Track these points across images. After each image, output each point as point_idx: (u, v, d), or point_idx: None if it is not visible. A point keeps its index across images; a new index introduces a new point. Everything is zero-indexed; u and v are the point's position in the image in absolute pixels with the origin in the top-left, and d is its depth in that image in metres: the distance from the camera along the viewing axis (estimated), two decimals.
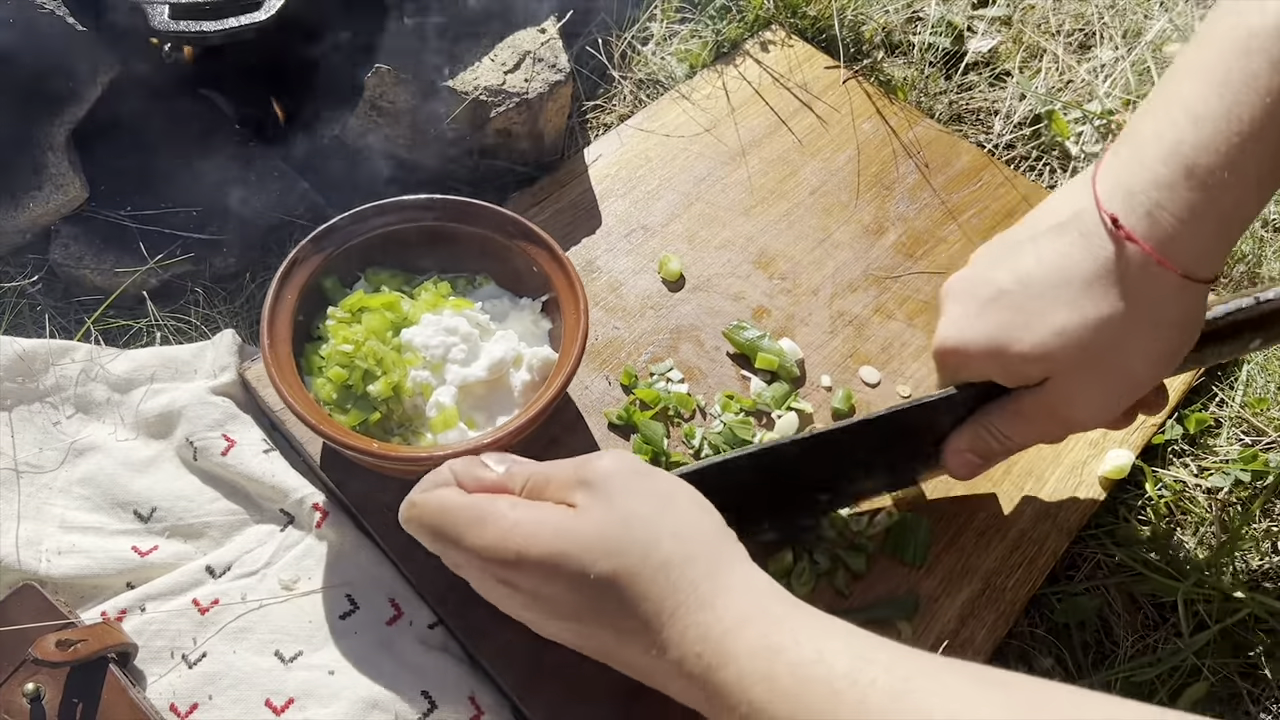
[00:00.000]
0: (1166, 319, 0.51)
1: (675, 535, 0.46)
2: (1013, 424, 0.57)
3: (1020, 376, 0.55)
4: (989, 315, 0.55)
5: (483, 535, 0.47)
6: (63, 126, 0.72)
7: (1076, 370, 0.53)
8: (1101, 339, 0.51)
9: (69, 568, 0.61)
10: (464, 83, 0.78)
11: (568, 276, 0.65)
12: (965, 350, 0.56)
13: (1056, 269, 0.52)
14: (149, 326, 0.73)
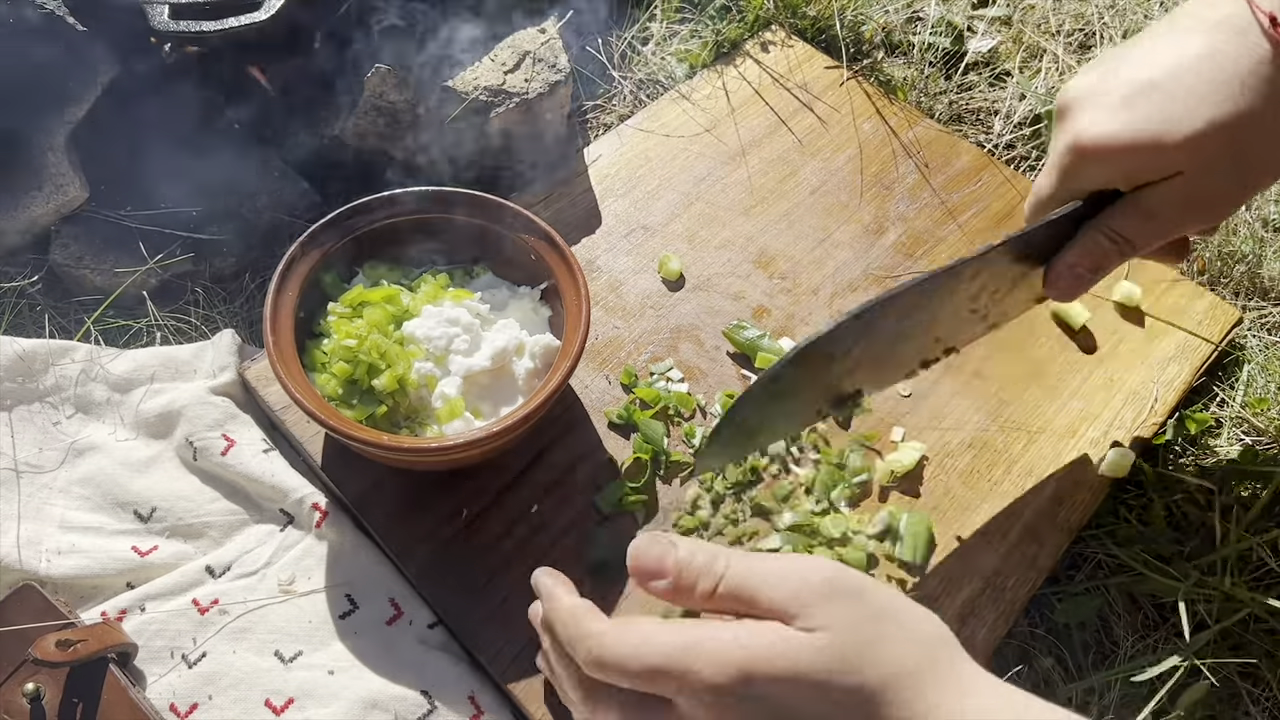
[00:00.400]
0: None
1: (917, 644, 0.44)
2: (1138, 223, 0.57)
3: (1160, 170, 0.55)
4: (1138, 108, 0.54)
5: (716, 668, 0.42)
6: (63, 126, 0.72)
7: (1218, 162, 0.54)
8: (1247, 134, 0.52)
9: (69, 568, 0.61)
10: (464, 83, 0.78)
11: (566, 262, 0.65)
12: (1114, 144, 0.55)
13: (1210, 63, 0.53)
14: (149, 326, 0.73)
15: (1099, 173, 0.56)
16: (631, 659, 0.43)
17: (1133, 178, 0.56)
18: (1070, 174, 0.57)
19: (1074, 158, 0.56)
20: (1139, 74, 0.55)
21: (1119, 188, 0.56)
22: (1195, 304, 0.79)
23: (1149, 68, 0.54)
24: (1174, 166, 0.54)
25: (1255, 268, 0.84)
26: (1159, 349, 0.76)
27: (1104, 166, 0.56)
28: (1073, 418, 0.73)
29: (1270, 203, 0.89)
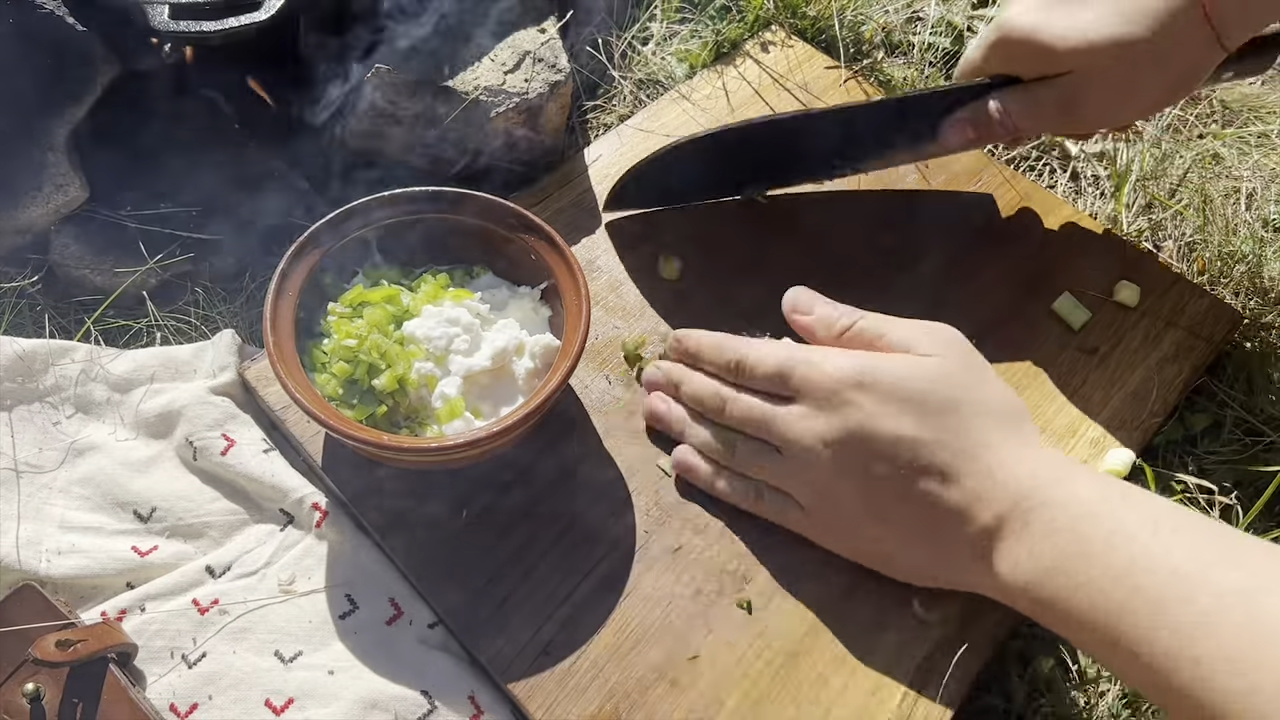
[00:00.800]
0: (1187, 69, 0.62)
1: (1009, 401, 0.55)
2: (1023, 106, 0.66)
3: (1051, 65, 0.63)
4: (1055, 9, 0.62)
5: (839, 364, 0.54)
6: (63, 126, 0.72)
7: (1101, 76, 0.62)
8: (1140, 59, 0.60)
9: (69, 568, 0.61)
10: (464, 83, 0.78)
11: (566, 262, 0.65)
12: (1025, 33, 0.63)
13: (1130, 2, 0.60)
14: (149, 326, 0.73)
15: (1009, 55, 0.66)
16: (768, 355, 0.58)
17: (1034, 67, 0.65)
18: (990, 50, 0.67)
19: (995, 36, 0.66)
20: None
21: (1020, 74, 0.66)
22: (1195, 304, 0.79)
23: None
24: (1066, 65, 0.63)
25: (1255, 268, 0.84)
26: (1159, 349, 0.76)
27: (1014, 49, 0.65)
28: (1073, 417, 0.73)
29: (1270, 203, 0.89)
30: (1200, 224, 0.86)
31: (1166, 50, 0.60)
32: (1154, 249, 0.86)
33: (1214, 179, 0.90)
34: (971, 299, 0.78)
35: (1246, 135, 0.95)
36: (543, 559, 0.63)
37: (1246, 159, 0.93)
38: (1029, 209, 0.84)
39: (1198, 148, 0.93)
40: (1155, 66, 0.61)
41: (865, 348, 0.56)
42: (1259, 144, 0.94)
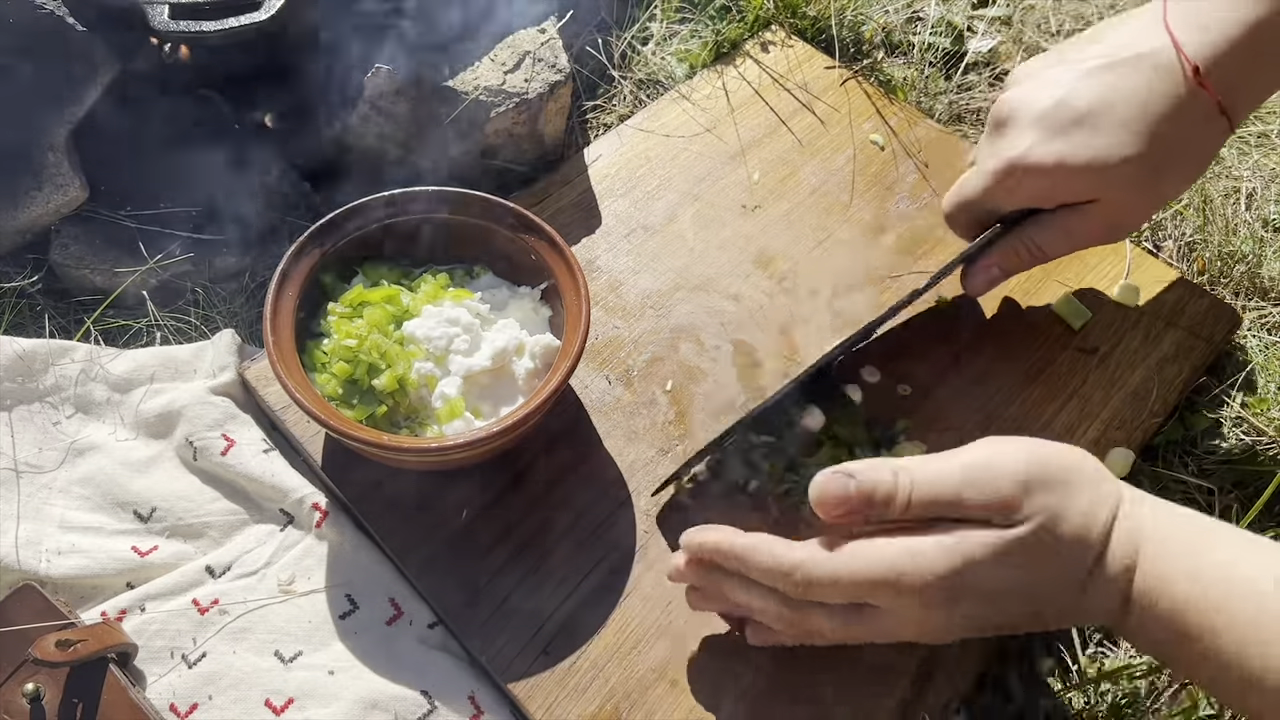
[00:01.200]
0: (1205, 158, 0.62)
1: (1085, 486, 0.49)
2: (1056, 237, 0.65)
3: (1083, 194, 0.62)
4: (1074, 137, 0.60)
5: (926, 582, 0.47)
6: (63, 126, 0.72)
7: (1134, 191, 0.61)
8: (1161, 167, 0.60)
9: (69, 568, 0.61)
10: (464, 83, 0.78)
11: (567, 262, 0.65)
12: (1049, 167, 0.61)
13: (1138, 102, 0.59)
14: (149, 326, 0.73)
15: (1029, 189, 0.63)
16: (844, 575, 0.48)
17: (1057, 198, 0.63)
18: (1002, 186, 0.64)
19: (1010, 173, 0.63)
20: (1076, 103, 0.61)
21: (1042, 206, 0.64)
22: (1195, 304, 0.79)
23: (1085, 98, 0.61)
24: (1095, 192, 0.61)
25: (1255, 268, 0.84)
26: (1159, 349, 0.76)
27: (1035, 184, 0.62)
28: (1073, 417, 0.73)
29: (1270, 203, 0.89)
30: (1200, 224, 0.86)
31: (1186, 149, 0.60)
32: (1154, 249, 0.86)
33: (1214, 179, 0.90)
34: (971, 299, 0.78)
35: (1246, 135, 0.95)
36: (543, 559, 0.63)
37: (1246, 159, 0.93)
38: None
39: None
40: (1179, 167, 0.61)
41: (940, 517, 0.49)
42: (1259, 144, 0.94)
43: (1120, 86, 0.60)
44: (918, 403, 0.72)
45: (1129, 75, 0.60)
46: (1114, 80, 0.60)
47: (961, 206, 0.68)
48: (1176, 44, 0.58)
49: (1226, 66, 0.58)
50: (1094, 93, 0.60)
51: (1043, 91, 0.62)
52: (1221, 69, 0.58)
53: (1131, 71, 0.60)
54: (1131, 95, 0.59)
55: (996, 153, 0.63)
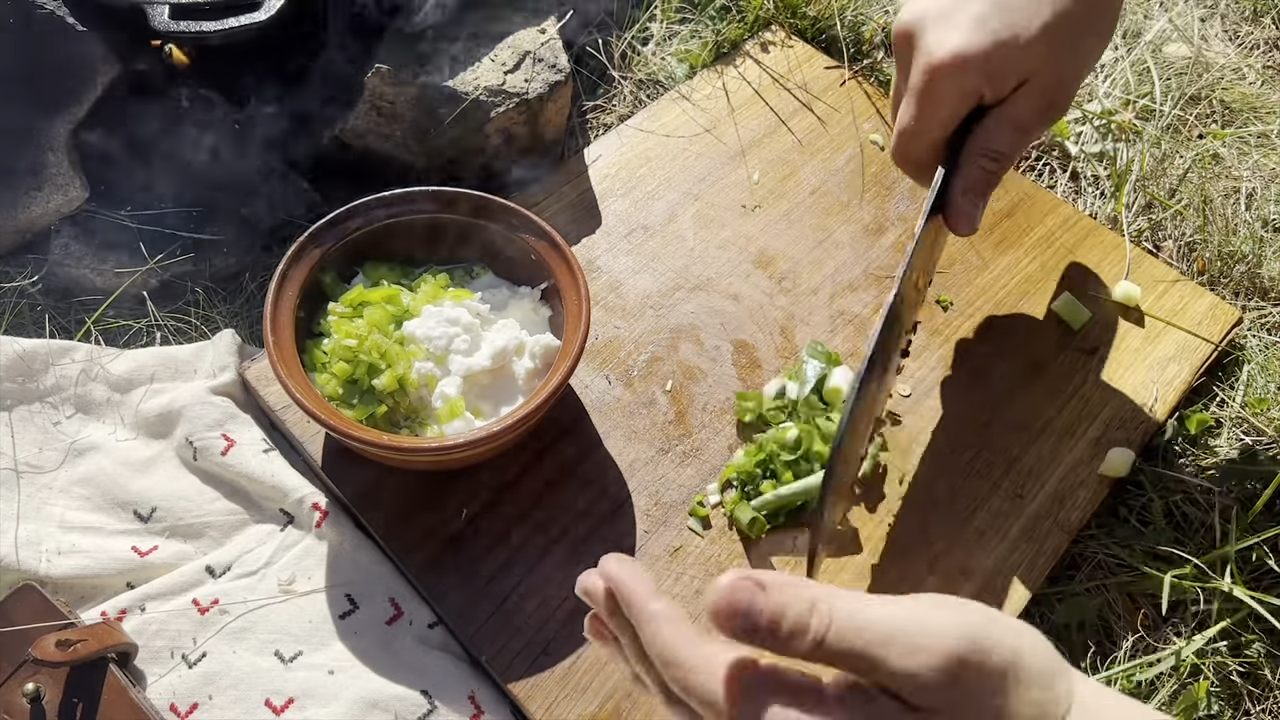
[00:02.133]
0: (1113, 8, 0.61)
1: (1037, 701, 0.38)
2: (1011, 135, 0.61)
3: (1013, 74, 0.59)
4: (988, 22, 0.58)
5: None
6: (63, 126, 0.72)
7: (1060, 59, 0.59)
8: (1077, 27, 0.59)
9: (69, 568, 0.61)
10: (464, 83, 0.78)
11: (567, 262, 0.65)
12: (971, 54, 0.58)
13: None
14: (149, 326, 0.73)
15: (959, 85, 0.59)
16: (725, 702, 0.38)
17: (992, 87, 0.60)
18: (931, 95, 0.60)
19: (933, 76, 0.59)
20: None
21: (984, 99, 0.60)
22: (1195, 304, 0.79)
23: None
24: (1025, 70, 0.59)
25: (1255, 268, 0.84)
26: (1159, 349, 0.76)
27: (964, 78, 0.59)
28: (1073, 418, 0.73)
29: (1270, 203, 0.89)
30: (1200, 224, 0.86)
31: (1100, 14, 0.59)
32: (1154, 249, 0.86)
33: (1214, 179, 0.90)
34: (972, 299, 0.78)
35: (1246, 135, 0.95)
36: (543, 559, 0.63)
37: (1246, 159, 0.93)
38: (1029, 209, 0.84)
39: (1198, 148, 0.93)
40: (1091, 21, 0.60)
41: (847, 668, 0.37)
42: (1259, 144, 0.94)
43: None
44: (918, 402, 0.72)
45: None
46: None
47: (906, 139, 0.63)
48: None
49: None
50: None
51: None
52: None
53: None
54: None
55: (917, 67, 0.60)
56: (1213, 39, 1.06)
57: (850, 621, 0.37)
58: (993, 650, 0.37)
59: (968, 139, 0.62)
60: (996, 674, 0.37)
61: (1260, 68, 1.03)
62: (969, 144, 0.62)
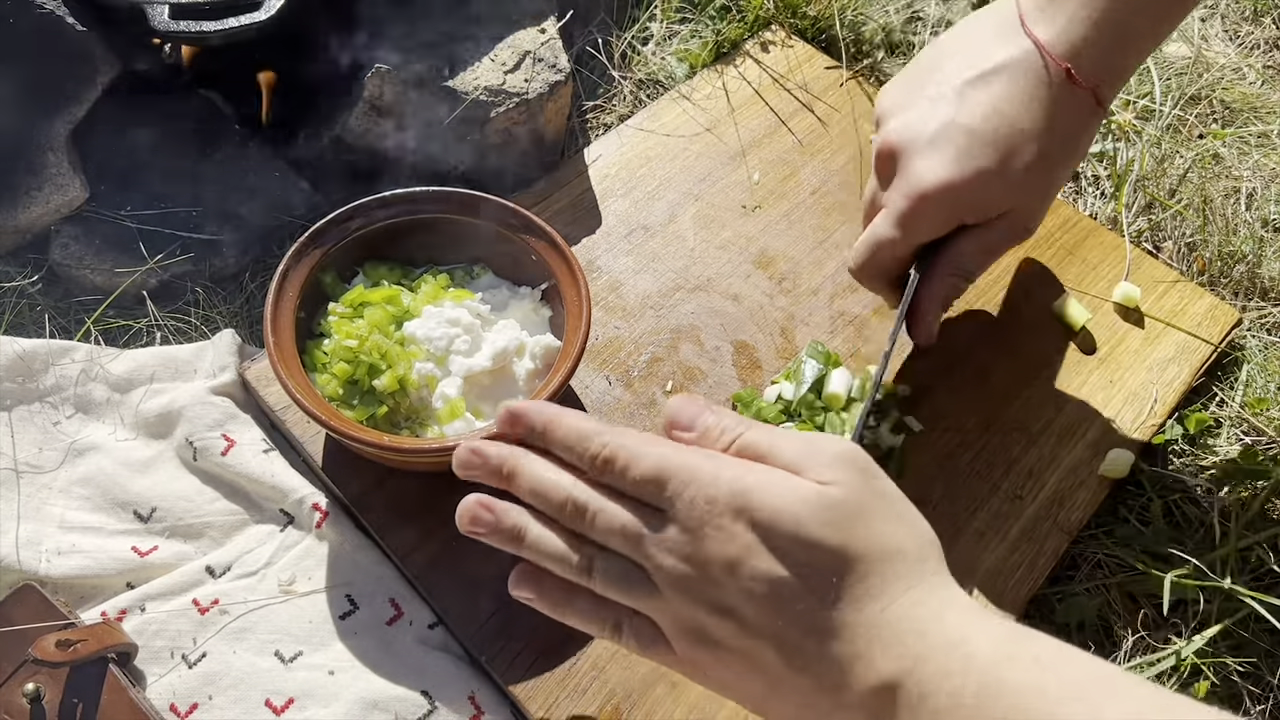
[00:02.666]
0: (1087, 143, 0.64)
1: (912, 535, 0.45)
2: (981, 258, 0.65)
3: (994, 209, 0.62)
4: (976, 152, 0.60)
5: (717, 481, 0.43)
6: (63, 126, 0.72)
7: (1037, 194, 0.63)
8: (1052, 165, 0.61)
9: (69, 568, 0.61)
10: (464, 83, 0.78)
11: (567, 263, 0.65)
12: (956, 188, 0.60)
13: (1023, 108, 0.60)
14: (149, 326, 0.73)
15: (944, 214, 0.62)
16: (644, 456, 0.44)
17: (974, 216, 0.62)
18: (915, 219, 0.62)
19: (921, 203, 0.61)
20: (969, 121, 0.61)
21: (960, 225, 0.63)
22: (1195, 304, 0.79)
23: (975, 115, 0.61)
24: (1007, 203, 0.62)
25: (1255, 268, 0.84)
26: (1159, 350, 0.76)
27: (950, 209, 0.62)
28: (1073, 418, 0.73)
29: (1270, 203, 0.89)
30: (1200, 224, 0.86)
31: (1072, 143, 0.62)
32: (1154, 249, 0.86)
33: (1214, 179, 0.90)
34: (971, 299, 0.78)
35: (1246, 135, 0.95)
36: None
37: (1246, 159, 0.93)
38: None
39: (1198, 148, 0.93)
40: (1068, 160, 0.62)
41: (754, 459, 0.46)
42: (1259, 144, 0.94)
43: (1002, 96, 0.60)
44: (917, 402, 0.72)
45: (1006, 85, 0.60)
46: (994, 92, 0.60)
47: (880, 252, 0.64)
48: (1043, 49, 0.60)
49: (1091, 57, 0.59)
50: (981, 107, 0.60)
51: (927, 117, 0.62)
52: (1087, 60, 0.59)
53: (1007, 81, 0.60)
54: (1017, 103, 0.60)
55: (903, 188, 0.62)
56: (1213, 39, 1.06)
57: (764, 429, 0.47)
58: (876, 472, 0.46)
59: (938, 256, 0.64)
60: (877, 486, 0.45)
61: (1260, 67, 1.03)
62: (940, 262, 0.64)
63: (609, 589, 0.46)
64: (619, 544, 0.45)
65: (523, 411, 0.48)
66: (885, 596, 0.43)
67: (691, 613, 0.44)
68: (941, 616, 0.42)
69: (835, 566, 0.43)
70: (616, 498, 0.45)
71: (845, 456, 0.45)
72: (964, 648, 0.41)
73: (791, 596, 0.43)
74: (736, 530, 0.43)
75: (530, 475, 0.47)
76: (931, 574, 0.44)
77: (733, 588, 0.43)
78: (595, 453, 0.46)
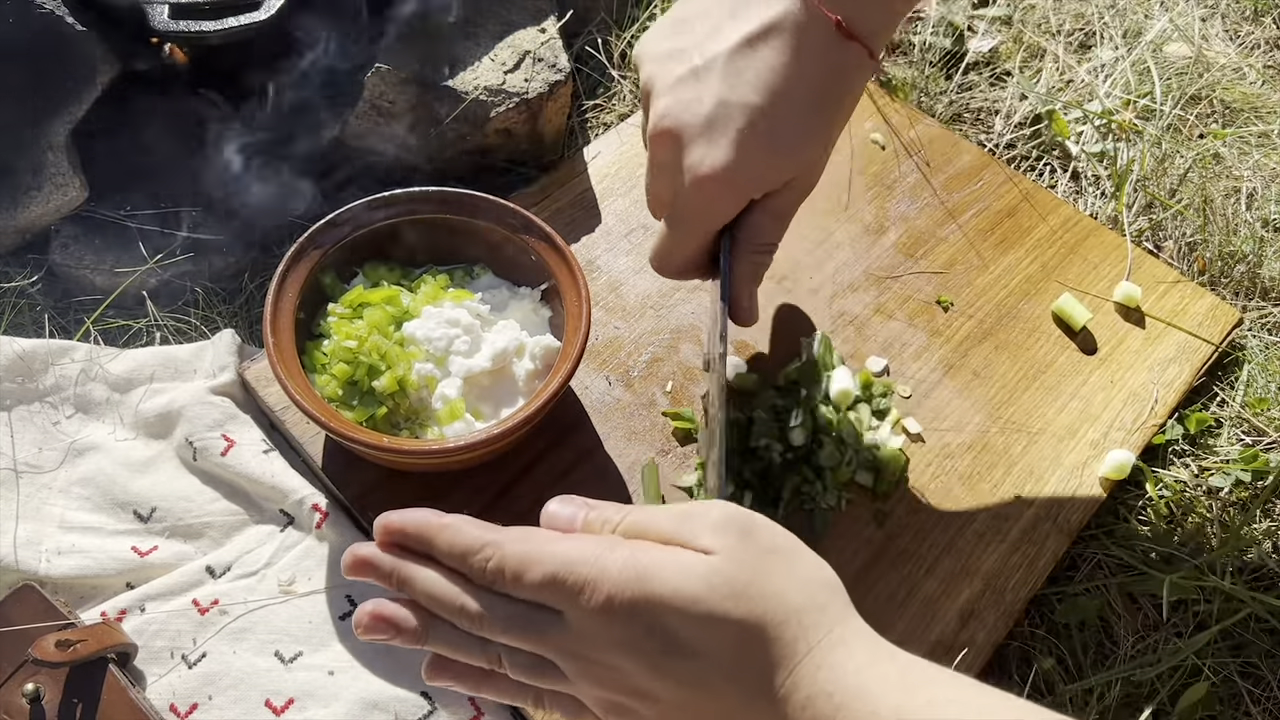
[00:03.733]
0: (859, 94, 0.61)
1: (806, 585, 0.45)
2: (775, 226, 0.62)
3: (779, 182, 0.59)
4: (760, 130, 0.57)
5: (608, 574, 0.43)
6: (63, 126, 0.72)
7: (820, 157, 0.60)
8: (830, 123, 0.59)
9: (69, 568, 0.61)
10: (464, 83, 0.78)
11: (567, 263, 0.65)
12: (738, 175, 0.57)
13: (799, 75, 0.57)
14: (149, 326, 0.73)
15: (730, 197, 0.59)
16: (534, 564, 0.44)
17: (761, 192, 0.59)
18: (705, 209, 0.60)
19: (704, 189, 0.58)
20: (746, 98, 0.57)
21: (753, 198, 0.60)
22: (1195, 305, 0.79)
23: (750, 89, 0.57)
24: (793, 173, 0.59)
25: (1255, 268, 0.84)
26: (1159, 350, 0.76)
27: (735, 191, 0.59)
28: (1073, 418, 0.73)
29: (1270, 203, 0.89)
30: (1200, 224, 0.86)
31: (847, 99, 0.59)
32: (1155, 249, 0.86)
33: (1214, 179, 0.90)
34: (972, 300, 0.78)
35: (1246, 135, 0.95)
36: None
37: (1246, 159, 0.93)
38: (1029, 209, 0.84)
39: (1198, 148, 0.93)
40: (844, 115, 0.60)
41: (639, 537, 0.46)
42: (1259, 144, 0.94)
43: (776, 66, 0.56)
44: (918, 403, 0.72)
45: (779, 50, 0.56)
46: (765, 58, 0.56)
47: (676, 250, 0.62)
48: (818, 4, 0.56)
49: (860, 8, 0.56)
50: (752, 79, 0.57)
51: (701, 95, 0.57)
52: (855, 11, 0.56)
53: (777, 43, 0.56)
54: (790, 68, 0.56)
55: (687, 176, 0.58)
56: (1213, 38, 1.05)
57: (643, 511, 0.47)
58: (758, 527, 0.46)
59: (735, 237, 0.62)
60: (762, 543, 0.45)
61: (1261, 67, 1.03)
62: (739, 241, 0.62)
63: (522, 677, 0.46)
64: (522, 645, 0.45)
65: (398, 527, 0.48)
66: (792, 658, 0.43)
67: (608, 695, 0.45)
68: (844, 672, 0.42)
69: (740, 639, 0.43)
70: (512, 603, 0.45)
71: (724, 522, 0.45)
72: (868, 703, 0.41)
73: (698, 678, 0.43)
74: (635, 625, 0.43)
75: (423, 586, 0.47)
76: (836, 622, 0.44)
77: (643, 676, 0.43)
78: (480, 566, 0.45)
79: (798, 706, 0.42)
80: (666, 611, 0.43)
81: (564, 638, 0.44)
